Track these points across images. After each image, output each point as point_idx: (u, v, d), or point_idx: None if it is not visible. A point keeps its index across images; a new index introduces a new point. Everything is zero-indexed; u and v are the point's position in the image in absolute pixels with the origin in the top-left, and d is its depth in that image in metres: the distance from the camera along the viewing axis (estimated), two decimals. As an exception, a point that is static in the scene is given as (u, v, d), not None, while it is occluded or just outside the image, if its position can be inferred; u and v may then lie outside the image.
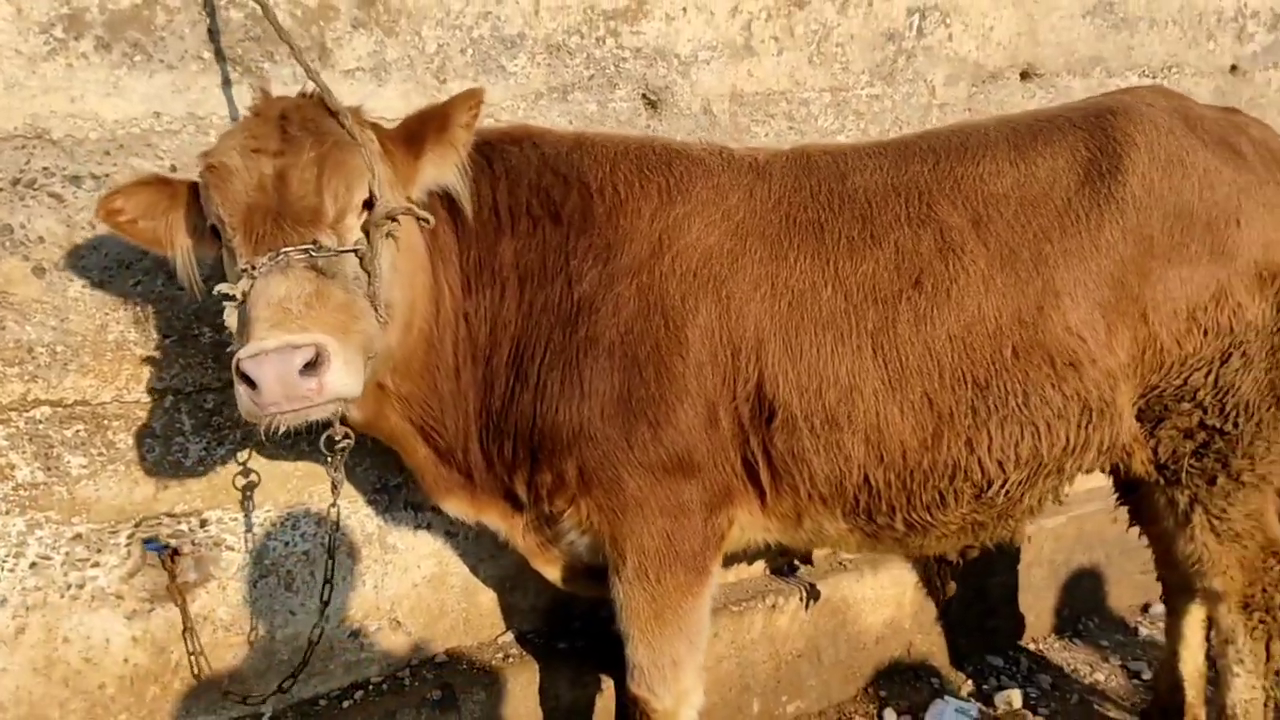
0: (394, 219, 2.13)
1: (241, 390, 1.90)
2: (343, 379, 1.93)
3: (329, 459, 2.31)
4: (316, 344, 1.89)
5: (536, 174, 2.41)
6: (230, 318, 2.04)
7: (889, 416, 2.36)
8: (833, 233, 2.43)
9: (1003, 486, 2.43)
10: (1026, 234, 2.39)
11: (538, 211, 2.39)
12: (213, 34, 2.55)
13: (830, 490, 2.46)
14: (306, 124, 2.14)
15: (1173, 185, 2.48)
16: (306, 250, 2.00)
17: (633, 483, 2.40)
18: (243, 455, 2.68)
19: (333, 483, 2.37)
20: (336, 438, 2.27)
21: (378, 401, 2.37)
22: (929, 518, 2.47)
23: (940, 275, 2.36)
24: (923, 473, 2.40)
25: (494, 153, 2.43)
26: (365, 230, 2.10)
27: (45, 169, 2.42)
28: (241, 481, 2.67)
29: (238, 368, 1.88)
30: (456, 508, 2.61)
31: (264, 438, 2.30)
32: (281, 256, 1.98)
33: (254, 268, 1.99)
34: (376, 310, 2.07)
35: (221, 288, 2.05)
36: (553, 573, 2.76)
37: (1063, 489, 2.58)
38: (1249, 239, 2.52)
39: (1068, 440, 2.42)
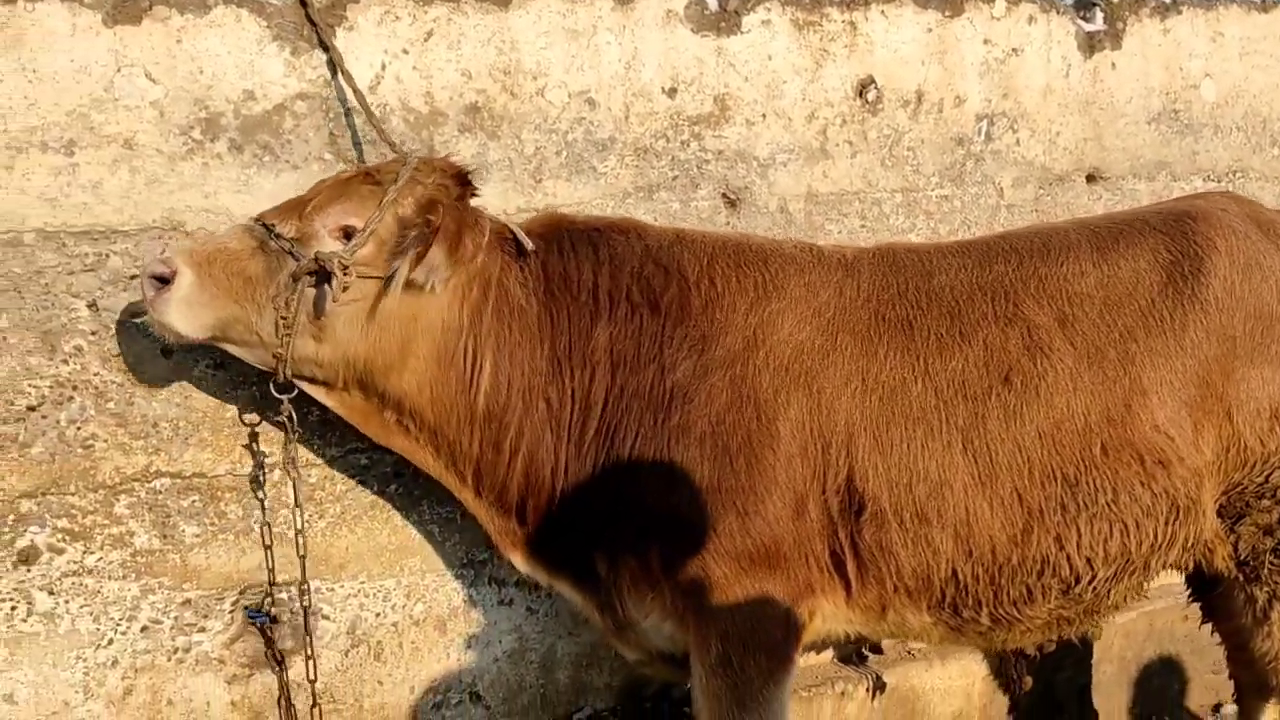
0: (320, 264, 2.26)
1: None
2: (170, 309, 2.25)
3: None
4: (175, 268, 2.25)
5: (640, 263, 2.53)
6: None
7: (978, 512, 2.42)
8: (922, 330, 2.52)
9: (1090, 583, 2.47)
10: (1112, 333, 2.48)
11: (637, 299, 2.50)
12: (334, 137, 2.74)
13: (917, 584, 2.51)
14: (386, 166, 2.46)
15: (1253, 288, 2.56)
16: (264, 225, 2.32)
17: (719, 571, 2.46)
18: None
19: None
20: (279, 380, 2.39)
21: (392, 429, 2.51)
22: (1015, 613, 2.51)
23: (1029, 373, 2.43)
24: (1011, 568, 2.44)
25: (601, 239, 2.55)
26: (325, 263, 2.26)
27: (179, 257, 2.59)
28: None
29: None
30: (522, 564, 2.66)
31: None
32: (254, 224, 2.34)
33: None
34: (285, 324, 2.27)
35: None
36: (631, 653, 2.81)
37: (1146, 585, 2.61)
38: (1326, 341, 2.58)
39: (1155, 537, 2.46)
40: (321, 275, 2.28)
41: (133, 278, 2.56)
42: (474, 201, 2.57)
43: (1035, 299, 2.53)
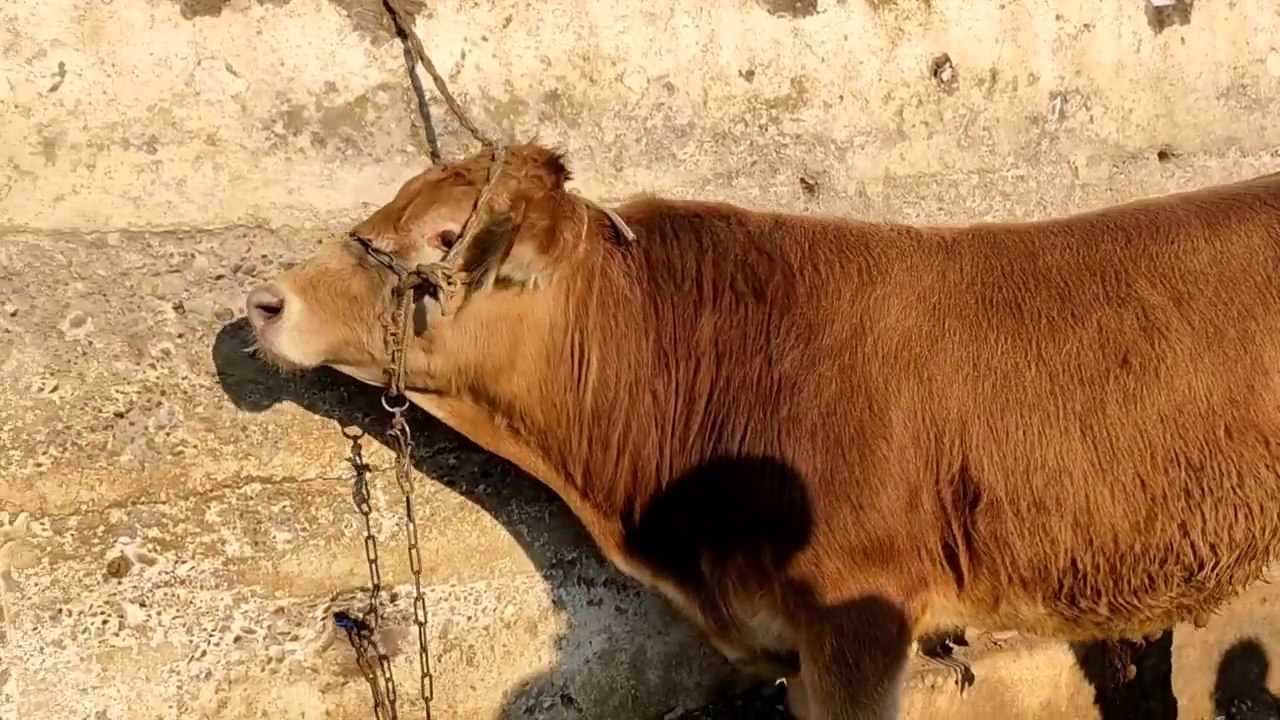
0: (423, 277, 2.18)
1: None
2: (283, 339, 2.19)
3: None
4: (282, 297, 2.18)
5: (742, 250, 2.45)
6: None
7: (1099, 499, 2.35)
8: (1031, 312, 2.44)
9: (1214, 570, 2.40)
10: (1230, 312, 2.40)
11: (742, 287, 2.43)
12: (415, 129, 2.67)
13: (1033, 574, 2.44)
14: (475, 162, 2.36)
15: (1366, 263, 2.48)
16: (360, 241, 2.24)
17: (832, 566, 2.39)
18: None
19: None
20: (391, 394, 2.32)
21: (503, 435, 2.45)
22: (1136, 602, 2.44)
23: (1147, 354, 2.36)
24: (1133, 556, 2.37)
25: (702, 225, 2.48)
26: (428, 275, 2.17)
27: (264, 256, 2.53)
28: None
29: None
30: (626, 565, 2.60)
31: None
32: (350, 240, 2.26)
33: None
34: (395, 339, 2.20)
35: None
36: (732, 652, 2.74)
37: (1264, 570, 2.54)
38: None
39: (1278, 520, 2.39)
40: (424, 287, 2.22)
41: (218, 278, 2.49)
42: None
43: (1148, 278, 2.45)
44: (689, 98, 3.00)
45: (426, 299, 2.24)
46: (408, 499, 2.46)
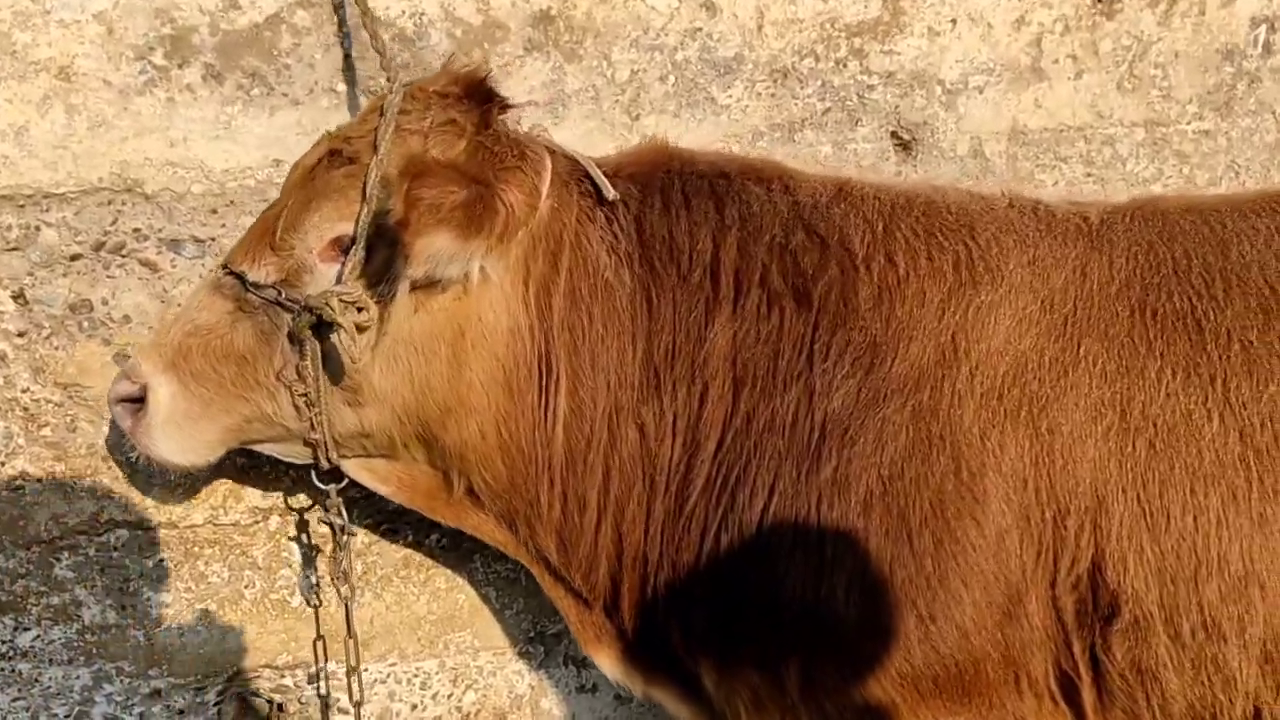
0: (316, 313, 1.58)
1: None
2: (157, 437, 1.68)
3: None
4: (144, 380, 1.68)
5: (784, 229, 1.75)
6: None
7: (1309, 624, 1.54)
8: (1216, 333, 1.66)
9: None
10: None
11: (777, 284, 1.72)
12: (350, 61, 2.01)
13: (1192, 724, 1.66)
14: (359, 125, 1.73)
15: None
16: (234, 274, 1.69)
17: (886, 698, 1.71)
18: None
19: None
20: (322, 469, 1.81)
21: (464, 505, 1.89)
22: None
23: None
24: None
25: (729, 191, 1.78)
26: (320, 310, 1.57)
27: (136, 230, 1.96)
28: None
29: None
30: (612, 668, 1.98)
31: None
32: (222, 275, 1.70)
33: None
34: (307, 400, 1.65)
35: None
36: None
37: None
38: None
39: None
40: (325, 324, 1.60)
41: (74, 259, 1.90)
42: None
43: None
44: (737, 21, 2.25)
45: (338, 336, 1.62)
46: (346, 606, 1.90)
